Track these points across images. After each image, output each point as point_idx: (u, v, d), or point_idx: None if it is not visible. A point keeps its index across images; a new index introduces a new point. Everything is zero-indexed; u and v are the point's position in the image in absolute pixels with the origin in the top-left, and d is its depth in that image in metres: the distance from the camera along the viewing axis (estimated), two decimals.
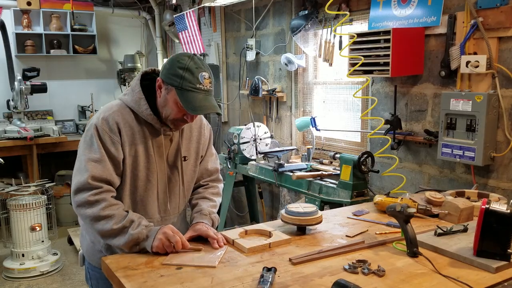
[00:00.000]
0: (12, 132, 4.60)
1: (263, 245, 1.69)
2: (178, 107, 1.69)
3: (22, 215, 3.86)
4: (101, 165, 1.67)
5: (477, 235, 1.53)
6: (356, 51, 2.96)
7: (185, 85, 1.65)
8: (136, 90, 1.76)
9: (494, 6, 2.44)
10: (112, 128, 1.70)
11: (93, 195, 1.64)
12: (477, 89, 2.59)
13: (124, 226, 1.64)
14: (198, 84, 1.65)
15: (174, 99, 1.68)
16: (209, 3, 4.30)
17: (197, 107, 1.66)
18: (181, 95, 1.66)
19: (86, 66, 5.99)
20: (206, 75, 1.68)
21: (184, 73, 1.65)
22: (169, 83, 1.68)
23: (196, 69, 1.66)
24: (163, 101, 1.73)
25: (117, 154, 1.70)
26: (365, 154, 2.97)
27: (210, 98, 1.70)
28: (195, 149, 1.93)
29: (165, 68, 1.70)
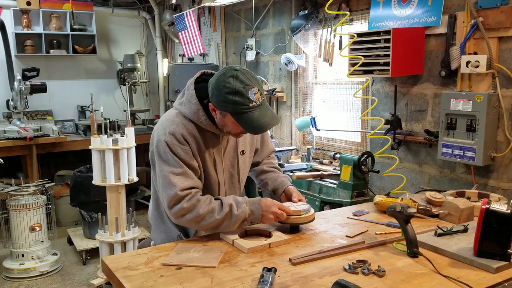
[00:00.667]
0: (12, 132, 4.60)
1: (263, 245, 1.69)
2: (237, 126, 1.74)
3: (22, 215, 3.85)
4: (184, 176, 1.76)
5: (477, 235, 1.53)
6: (356, 51, 2.95)
7: (238, 109, 1.67)
8: (193, 101, 1.79)
9: (494, 6, 2.44)
10: (181, 141, 1.77)
11: (187, 202, 1.74)
12: (477, 89, 2.59)
13: (226, 212, 1.74)
14: (250, 103, 1.67)
15: (231, 121, 1.73)
16: (209, 3, 4.30)
17: (256, 127, 1.70)
18: (238, 119, 1.70)
19: (85, 66, 5.98)
20: (255, 89, 1.68)
21: (234, 97, 1.66)
22: (223, 110, 1.71)
23: (243, 88, 1.66)
24: (220, 122, 1.78)
25: (192, 162, 1.80)
26: (365, 154, 2.97)
27: (265, 110, 1.72)
28: (249, 141, 2.04)
29: (214, 94, 1.71)
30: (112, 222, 3.19)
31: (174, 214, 1.75)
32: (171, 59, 6.11)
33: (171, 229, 1.92)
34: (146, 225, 5.01)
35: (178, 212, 1.74)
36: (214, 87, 1.71)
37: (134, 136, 3.20)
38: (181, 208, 1.73)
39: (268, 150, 2.19)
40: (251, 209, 1.77)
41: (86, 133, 5.23)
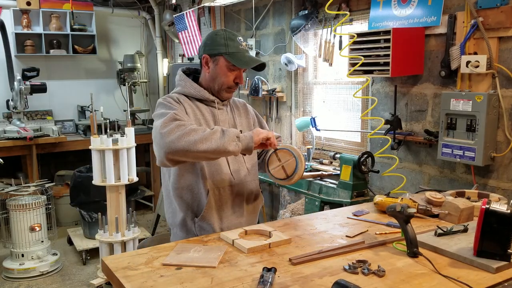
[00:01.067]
0: (12, 132, 4.60)
1: (263, 245, 1.69)
2: (229, 72, 1.93)
3: (22, 215, 3.86)
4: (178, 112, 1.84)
5: (477, 235, 1.53)
6: (356, 51, 2.95)
7: (231, 49, 1.91)
8: (182, 78, 2.01)
9: (494, 6, 2.44)
10: (176, 101, 1.92)
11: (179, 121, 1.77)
12: (477, 89, 2.59)
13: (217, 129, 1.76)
14: (240, 46, 1.93)
15: (224, 65, 1.92)
16: (208, 3, 4.30)
17: (247, 62, 1.92)
18: (231, 58, 1.90)
19: (85, 66, 5.98)
20: (241, 38, 1.97)
21: (227, 41, 1.91)
22: (216, 54, 1.92)
23: (233, 35, 1.94)
24: (213, 74, 1.95)
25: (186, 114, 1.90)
26: (365, 154, 2.97)
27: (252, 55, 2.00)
28: (246, 123, 2.13)
29: (207, 45, 1.94)
30: (112, 222, 3.19)
31: (167, 130, 1.73)
32: (171, 59, 6.11)
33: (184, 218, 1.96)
34: (146, 225, 5.01)
35: (172, 128, 1.73)
36: (206, 39, 1.96)
37: (134, 136, 3.21)
38: (174, 125, 1.74)
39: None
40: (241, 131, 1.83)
41: (86, 133, 5.23)
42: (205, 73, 1.98)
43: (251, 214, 2.09)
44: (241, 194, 2.02)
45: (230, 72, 1.93)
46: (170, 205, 2.03)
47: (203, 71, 1.99)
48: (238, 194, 2.01)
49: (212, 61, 1.94)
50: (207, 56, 1.94)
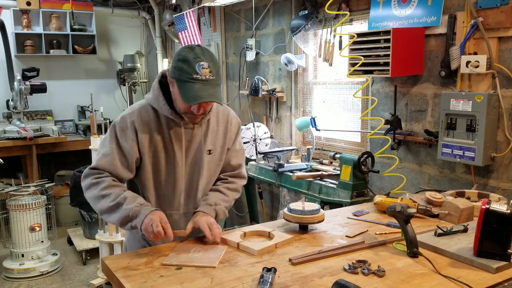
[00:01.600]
0: (12, 132, 4.60)
1: (270, 246, 1.68)
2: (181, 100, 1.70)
3: (22, 215, 3.86)
4: (107, 158, 1.78)
5: (477, 235, 1.53)
6: (356, 51, 2.95)
7: (182, 76, 1.66)
8: (155, 88, 1.82)
9: (494, 6, 2.44)
10: (128, 126, 1.78)
11: (95, 178, 1.76)
12: (477, 89, 2.59)
13: (119, 202, 1.71)
14: (194, 74, 1.65)
15: (177, 92, 1.71)
16: (208, 3, 4.30)
17: (191, 97, 1.66)
18: (180, 86, 1.68)
19: (85, 66, 5.98)
20: (205, 64, 1.66)
21: (182, 65, 1.67)
22: (172, 76, 1.72)
23: (193, 59, 1.66)
24: (173, 97, 1.76)
25: (130, 151, 1.78)
26: (365, 154, 2.97)
27: (208, 87, 1.67)
28: (221, 143, 1.93)
29: (172, 62, 1.74)
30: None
31: (83, 187, 1.81)
32: (171, 59, 6.11)
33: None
34: None
35: (86, 185, 1.79)
36: (174, 55, 1.76)
37: None
38: (88, 182, 1.78)
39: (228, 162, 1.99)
40: (140, 211, 1.69)
41: (86, 133, 5.23)
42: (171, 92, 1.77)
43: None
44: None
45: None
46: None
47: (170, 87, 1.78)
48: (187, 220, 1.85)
49: (171, 81, 1.74)
50: (168, 74, 1.75)
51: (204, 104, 1.73)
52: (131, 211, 1.69)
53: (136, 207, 1.70)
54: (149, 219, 1.67)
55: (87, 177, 1.79)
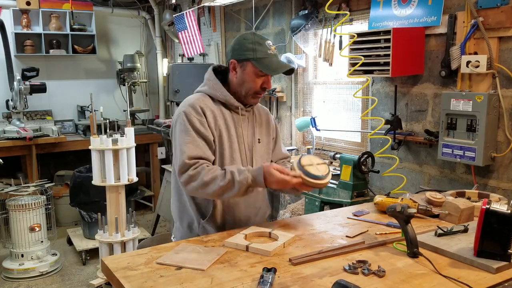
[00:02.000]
0: (11, 132, 4.59)
1: (279, 246, 1.68)
2: (257, 77, 1.89)
3: (21, 215, 3.85)
4: (194, 145, 1.84)
5: (478, 236, 1.53)
6: (356, 51, 2.95)
7: (259, 54, 1.87)
8: (211, 78, 1.97)
9: (495, 6, 2.44)
10: (198, 111, 1.88)
11: (193, 170, 1.81)
12: (478, 89, 2.59)
13: (229, 179, 1.77)
14: (268, 50, 1.88)
15: (252, 71, 1.88)
16: (208, 2, 4.30)
17: (275, 68, 1.88)
18: (259, 64, 1.86)
19: (85, 66, 5.98)
20: (270, 42, 1.92)
21: (255, 46, 1.87)
22: (244, 59, 1.88)
23: (261, 39, 1.90)
24: (240, 80, 1.91)
25: (207, 134, 1.87)
26: (365, 154, 2.97)
27: (280, 60, 1.94)
28: (265, 133, 2.09)
29: (235, 49, 1.91)
30: (112, 222, 3.18)
31: (183, 182, 1.83)
32: (171, 59, 6.11)
33: (191, 217, 1.97)
34: (146, 225, 5.01)
35: (185, 180, 1.81)
36: (234, 44, 1.93)
37: (133, 136, 3.20)
38: (187, 176, 1.80)
39: (280, 152, 2.19)
40: (253, 175, 1.78)
41: (85, 133, 5.22)
42: (233, 78, 1.94)
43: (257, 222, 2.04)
44: (250, 203, 2.00)
45: (257, 78, 1.89)
46: (179, 198, 2.02)
47: (230, 75, 1.95)
48: (247, 202, 1.98)
49: (240, 66, 1.90)
50: (234, 61, 1.91)
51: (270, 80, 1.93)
52: (246, 179, 1.77)
53: (247, 174, 1.78)
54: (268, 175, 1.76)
55: (185, 171, 1.81)
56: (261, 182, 1.77)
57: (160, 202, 4.55)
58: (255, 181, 1.78)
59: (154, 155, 5.51)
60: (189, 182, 1.81)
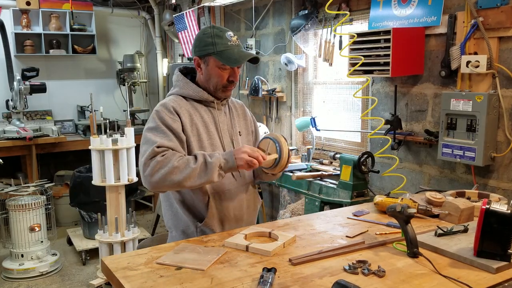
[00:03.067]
0: (11, 132, 4.59)
1: (279, 246, 1.68)
2: (221, 71, 1.87)
3: (21, 215, 3.85)
4: (167, 138, 1.80)
5: (478, 236, 1.52)
6: (356, 51, 2.95)
7: (219, 48, 1.84)
8: (180, 78, 1.97)
9: (495, 6, 2.44)
10: (171, 110, 1.86)
11: (161, 156, 1.75)
12: (478, 89, 2.59)
13: (201, 162, 1.74)
14: (229, 42, 1.85)
15: (215, 65, 1.86)
16: (208, 2, 4.30)
17: (236, 59, 1.85)
18: (220, 57, 1.84)
19: (85, 66, 5.98)
20: (231, 33, 1.89)
21: (214, 39, 1.85)
22: (205, 54, 1.87)
23: (220, 32, 1.87)
24: (206, 75, 1.90)
25: (179, 131, 1.84)
26: (365, 154, 2.97)
27: (242, 50, 1.89)
28: (244, 125, 2.09)
29: (196, 46, 1.90)
30: (112, 223, 3.18)
31: (148, 172, 1.73)
32: (171, 59, 6.11)
33: (186, 223, 1.93)
34: (146, 225, 5.01)
35: (153, 167, 1.72)
36: (195, 41, 1.92)
37: (133, 136, 3.20)
38: (156, 162, 1.73)
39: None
40: (224, 157, 1.77)
41: (85, 133, 5.22)
42: (199, 75, 1.94)
43: (251, 215, 2.07)
44: (241, 197, 2.00)
45: (222, 71, 1.87)
46: (170, 207, 2.00)
47: (197, 73, 1.95)
48: (239, 196, 1.99)
49: (203, 62, 1.89)
50: (197, 58, 1.90)
51: (236, 72, 1.89)
52: (218, 161, 1.75)
53: (218, 156, 1.76)
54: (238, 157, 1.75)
55: (152, 158, 1.74)
56: (233, 162, 1.75)
57: (160, 202, 4.54)
58: (227, 163, 1.76)
59: None
60: (158, 169, 1.72)
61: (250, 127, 2.12)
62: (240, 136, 2.03)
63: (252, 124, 2.14)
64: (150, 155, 1.75)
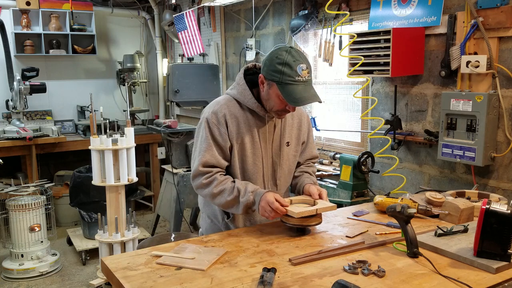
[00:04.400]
0: (11, 132, 4.59)
1: (310, 211, 1.75)
2: (280, 100, 1.83)
3: (21, 215, 3.85)
4: (209, 153, 1.90)
5: (478, 236, 1.53)
6: (356, 51, 2.95)
7: (284, 79, 1.78)
8: (241, 83, 1.96)
9: (494, 6, 2.44)
10: (220, 121, 1.91)
11: (205, 179, 1.90)
12: (478, 89, 2.59)
13: (235, 196, 1.86)
14: (297, 76, 1.77)
15: (276, 93, 1.83)
16: (208, 3, 4.29)
17: (297, 99, 1.78)
18: (282, 89, 1.79)
19: (85, 66, 5.98)
20: (304, 66, 1.79)
21: (283, 68, 1.78)
22: (270, 79, 1.83)
23: (293, 62, 1.78)
24: (266, 95, 1.89)
25: (224, 144, 1.91)
26: (365, 154, 2.97)
27: (309, 87, 1.82)
28: (296, 135, 2.08)
29: (266, 65, 1.85)
30: (112, 223, 3.18)
31: (195, 187, 1.95)
32: (171, 59, 6.11)
33: (215, 212, 2.04)
34: (146, 226, 5.01)
35: (197, 185, 1.93)
36: (267, 58, 1.86)
37: (133, 136, 3.20)
38: (199, 183, 1.91)
39: (310, 153, 2.18)
40: (254, 199, 1.84)
41: (85, 133, 5.22)
42: (261, 90, 1.91)
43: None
44: None
45: (280, 100, 1.83)
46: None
47: (260, 86, 1.91)
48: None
49: (267, 83, 1.86)
50: (262, 76, 1.86)
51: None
52: (248, 201, 1.84)
53: (250, 196, 1.84)
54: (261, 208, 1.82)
55: (197, 177, 1.92)
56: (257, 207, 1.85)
57: (160, 202, 4.55)
58: (253, 205, 1.86)
59: (154, 155, 5.51)
60: (201, 189, 1.93)
61: (303, 136, 2.10)
62: (287, 146, 2.03)
63: (305, 134, 2.12)
64: (196, 174, 1.92)
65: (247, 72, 2.00)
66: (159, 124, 4.32)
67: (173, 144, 4.31)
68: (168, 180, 4.34)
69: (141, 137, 5.06)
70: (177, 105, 4.54)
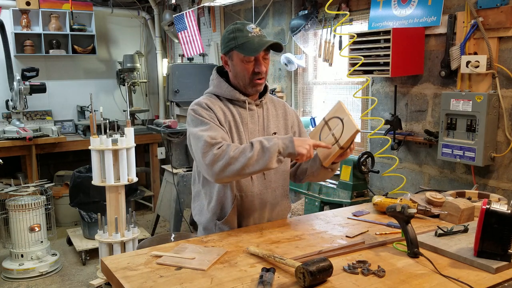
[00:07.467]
0: (11, 132, 4.59)
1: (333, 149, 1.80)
2: (245, 64, 1.84)
3: (21, 215, 3.85)
4: (211, 129, 1.80)
5: (478, 236, 1.52)
6: (356, 51, 2.95)
7: (239, 40, 1.83)
8: (214, 77, 1.97)
9: (494, 6, 2.44)
10: (205, 107, 1.87)
11: (217, 149, 1.74)
12: (477, 89, 2.59)
13: (258, 149, 1.71)
14: (249, 34, 1.83)
15: (238, 59, 1.85)
16: (208, 3, 4.29)
17: (256, 48, 1.81)
18: (241, 49, 1.83)
19: (85, 66, 5.98)
20: (253, 25, 1.86)
21: (235, 34, 1.84)
22: (228, 51, 1.86)
23: (242, 26, 1.86)
24: (233, 72, 1.90)
25: (218, 123, 1.85)
26: (365, 154, 2.97)
27: (264, 37, 1.86)
28: (283, 125, 2.04)
29: (221, 44, 1.91)
30: (112, 223, 3.18)
31: (209, 164, 1.74)
32: (171, 59, 6.11)
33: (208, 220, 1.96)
34: (146, 226, 5.01)
35: (212, 160, 1.73)
36: (220, 40, 1.92)
37: (133, 136, 3.20)
38: (213, 155, 1.73)
39: None
40: (283, 142, 1.72)
41: (85, 133, 5.22)
42: (229, 73, 1.93)
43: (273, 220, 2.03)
44: (265, 201, 1.97)
45: (246, 64, 1.84)
46: (199, 202, 2.02)
47: (228, 71, 1.94)
48: (262, 201, 1.96)
49: (228, 58, 1.89)
50: (223, 55, 1.91)
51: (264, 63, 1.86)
52: (277, 145, 1.71)
53: (276, 141, 1.72)
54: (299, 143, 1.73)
55: (209, 152, 1.74)
56: (293, 148, 1.71)
57: (160, 202, 4.55)
58: (287, 148, 1.71)
59: (154, 155, 5.51)
60: (216, 162, 1.72)
61: (292, 127, 2.06)
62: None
63: (295, 124, 2.09)
64: (205, 148, 1.75)
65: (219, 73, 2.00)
66: (159, 124, 4.32)
67: (173, 144, 4.31)
68: (168, 180, 4.34)
69: (141, 137, 5.06)
70: (177, 105, 4.54)
